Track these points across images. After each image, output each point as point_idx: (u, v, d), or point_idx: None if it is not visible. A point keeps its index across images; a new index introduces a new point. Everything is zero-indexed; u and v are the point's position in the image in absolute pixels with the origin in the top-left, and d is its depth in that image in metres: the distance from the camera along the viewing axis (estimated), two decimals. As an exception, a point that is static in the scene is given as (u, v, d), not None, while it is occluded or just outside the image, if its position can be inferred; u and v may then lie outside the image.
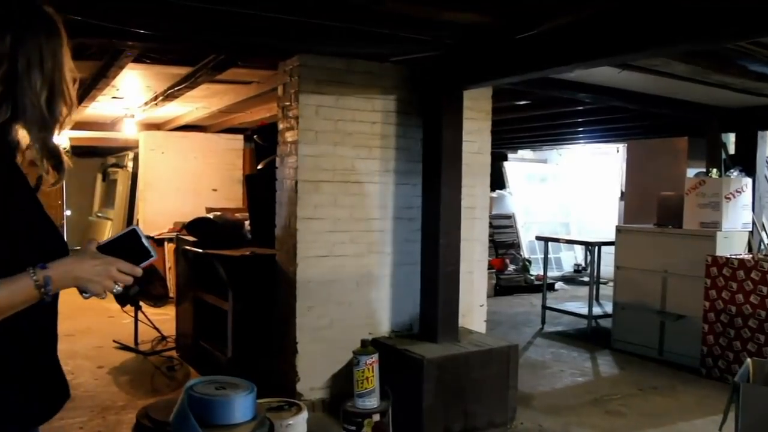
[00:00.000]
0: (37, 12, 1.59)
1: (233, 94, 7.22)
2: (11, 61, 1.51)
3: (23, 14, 1.55)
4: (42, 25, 1.57)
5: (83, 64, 5.86)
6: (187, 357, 6.36)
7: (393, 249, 5.11)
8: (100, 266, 1.57)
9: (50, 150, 1.60)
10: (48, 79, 1.56)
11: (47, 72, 1.55)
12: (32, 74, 1.53)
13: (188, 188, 10.63)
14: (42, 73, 1.54)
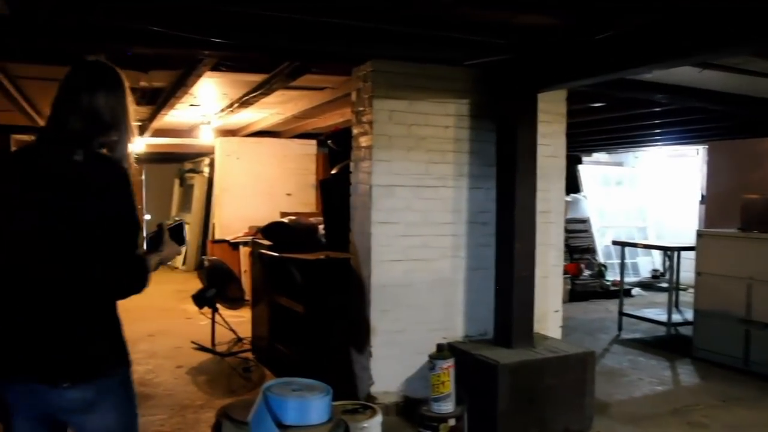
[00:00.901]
0: (114, 73, 2.31)
1: (307, 100, 7.32)
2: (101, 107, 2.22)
3: (105, 76, 2.28)
4: (117, 82, 2.30)
5: (163, 73, 6.05)
6: (262, 359, 6.47)
7: (467, 253, 5.09)
8: (173, 252, 2.47)
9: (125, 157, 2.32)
10: (122, 116, 2.28)
11: (121, 112, 2.28)
12: (115, 114, 2.26)
13: (263, 193, 10.82)
14: (119, 112, 2.27)
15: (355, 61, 4.93)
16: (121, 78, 2.31)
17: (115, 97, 2.25)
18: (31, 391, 2.12)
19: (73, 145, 2.14)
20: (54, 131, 2.21)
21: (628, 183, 13.07)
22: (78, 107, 2.18)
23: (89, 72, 2.27)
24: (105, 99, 2.22)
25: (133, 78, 6.24)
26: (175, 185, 15.13)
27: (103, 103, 2.21)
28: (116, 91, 2.27)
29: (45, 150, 2.20)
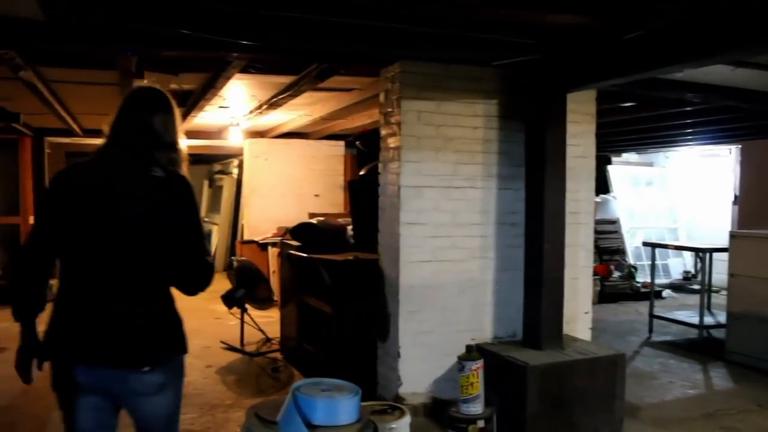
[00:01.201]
0: (167, 98, 2.66)
1: (335, 102, 7.34)
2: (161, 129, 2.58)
3: (161, 101, 2.63)
4: (171, 106, 2.65)
5: (192, 76, 6.12)
6: (291, 359, 6.50)
7: (496, 254, 5.07)
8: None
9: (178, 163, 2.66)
10: (175, 135, 2.65)
11: (174, 131, 2.64)
12: (171, 133, 2.63)
13: (291, 194, 10.88)
14: (173, 132, 2.64)
15: (383, 62, 4.94)
16: (172, 102, 2.67)
17: (170, 119, 2.63)
18: (109, 376, 2.42)
19: (149, 163, 2.49)
20: (122, 151, 2.53)
21: (659, 183, 12.93)
22: (142, 130, 2.54)
23: (147, 98, 2.63)
24: (163, 121, 2.59)
25: (163, 80, 6.31)
26: (204, 187, 15.27)
27: (162, 125, 2.58)
28: (171, 113, 2.64)
29: (122, 167, 2.51)
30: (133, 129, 2.53)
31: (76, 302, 2.45)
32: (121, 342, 2.41)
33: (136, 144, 2.52)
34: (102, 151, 2.57)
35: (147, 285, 2.48)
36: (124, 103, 2.59)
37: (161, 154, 2.56)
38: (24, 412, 5.16)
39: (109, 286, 2.42)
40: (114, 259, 2.42)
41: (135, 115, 2.55)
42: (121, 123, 2.54)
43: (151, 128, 2.54)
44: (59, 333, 2.44)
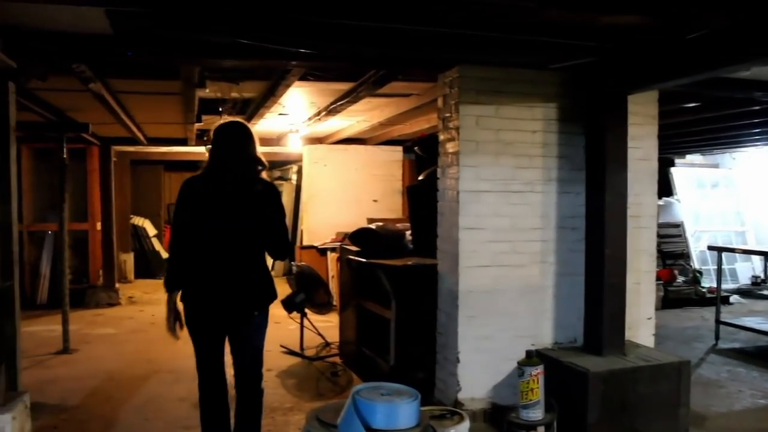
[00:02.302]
0: (248, 127, 3.85)
1: (393, 107, 7.38)
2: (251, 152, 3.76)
3: (246, 130, 3.82)
4: (251, 133, 3.84)
5: (253, 84, 6.23)
6: (350, 363, 6.55)
7: (556, 259, 5.02)
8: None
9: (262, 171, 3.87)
10: (255, 151, 3.79)
11: (255, 149, 3.79)
12: (256, 153, 3.79)
13: (350, 199, 10.95)
14: (256, 152, 3.80)
15: (440, 67, 4.95)
16: (250, 128, 3.86)
17: (252, 141, 3.78)
18: (230, 317, 3.75)
19: (250, 182, 3.72)
20: (227, 172, 3.71)
21: (725, 185, 12.58)
22: (238, 156, 3.71)
23: (237, 130, 3.80)
24: (250, 145, 3.75)
25: (224, 89, 6.45)
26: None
27: (251, 148, 3.74)
28: (252, 137, 3.80)
29: (232, 184, 3.70)
30: (232, 156, 3.70)
31: (207, 274, 3.68)
32: (242, 297, 3.73)
33: (236, 168, 3.71)
34: (210, 171, 3.74)
35: (254, 259, 3.78)
36: (216, 136, 3.74)
37: (253, 168, 3.74)
38: (93, 411, 5.33)
39: (231, 262, 3.68)
40: (234, 244, 3.67)
41: (229, 145, 3.72)
42: (221, 152, 3.72)
43: (243, 154, 3.72)
44: (198, 295, 3.71)
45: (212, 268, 3.69)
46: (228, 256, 3.68)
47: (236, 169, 3.72)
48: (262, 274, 3.83)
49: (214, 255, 3.69)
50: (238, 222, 3.67)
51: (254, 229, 3.69)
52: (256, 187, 3.72)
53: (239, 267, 3.71)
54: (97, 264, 10.73)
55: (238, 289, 3.71)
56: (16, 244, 4.31)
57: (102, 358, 7.04)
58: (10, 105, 4.13)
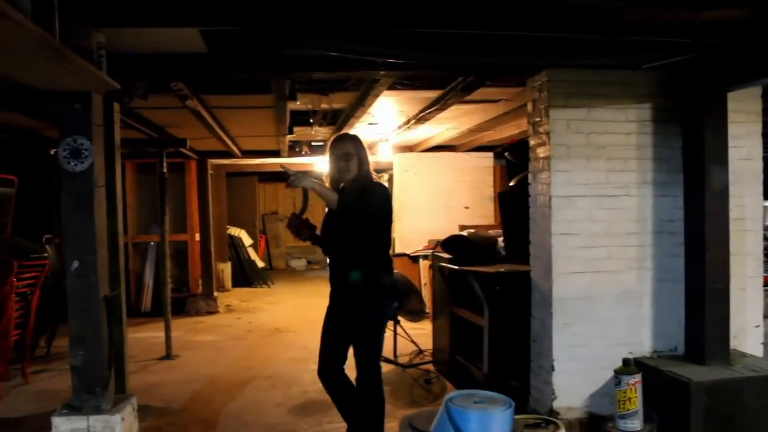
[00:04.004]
0: (358, 138, 4.24)
1: (482, 113, 7.34)
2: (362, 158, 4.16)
3: (358, 140, 4.21)
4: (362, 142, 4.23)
5: (343, 95, 6.33)
6: (443, 371, 6.53)
7: (654, 264, 4.86)
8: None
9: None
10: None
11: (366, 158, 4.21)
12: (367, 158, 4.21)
13: (441, 206, 10.95)
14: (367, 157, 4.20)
15: (529, 71, 4.89)
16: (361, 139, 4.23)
17: (363, 149, 4.16)
18: (349, 296, 4.10)
19: (361, 182, 4.08)
20: (356, 181, 4.10)
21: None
22: (349, 161, 4.09)
23: (350, 141, 4.16)
24: (363, 152, 4.15)
25: (314, 101, 6.58)
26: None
27: (363, 155, 4.14)
28: (363, 145, 4.19)
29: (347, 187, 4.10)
30: (341, 162, 4.10)
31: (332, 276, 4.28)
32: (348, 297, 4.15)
33: (348, 173, 4.10)
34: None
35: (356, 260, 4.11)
36: (335, 145, 4.16)
37: (364, 173, 4.14)
38: (195, 415, 5.52)
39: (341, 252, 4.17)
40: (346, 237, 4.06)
41: (343, 153, 4.11)
42: (335, 160, 4.14)
43: (358, 158, 4.11)
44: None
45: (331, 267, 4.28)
46: (353, 246, 4.05)
47: (361, 182, 4.12)
48: (366, 276, 4.04)
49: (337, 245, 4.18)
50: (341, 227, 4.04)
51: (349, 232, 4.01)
52: (368, 190, 4.06)
53: (345, 269, 4.08)
54: (197, 273, 11.11)
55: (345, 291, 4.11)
56: (123, 255, 4.52)
57: (203, 364, 7.28)
58: (115, 124, 4.33)
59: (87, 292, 3.78)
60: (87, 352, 3.84)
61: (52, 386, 6.41)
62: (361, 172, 4.11)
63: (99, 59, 3.71)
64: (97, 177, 3.81)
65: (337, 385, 4.29)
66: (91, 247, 3.76)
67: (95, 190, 3.79)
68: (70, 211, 3.76)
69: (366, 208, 3.96)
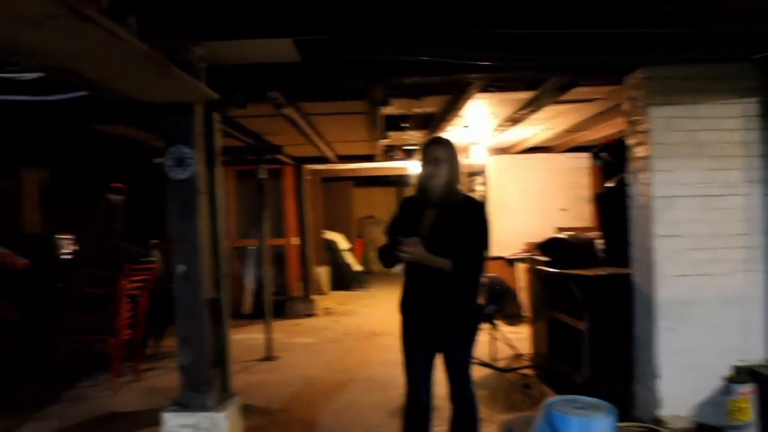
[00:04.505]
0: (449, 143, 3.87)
1: (577, 113, 7.19)
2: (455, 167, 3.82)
3: (453, 146, 3.86)
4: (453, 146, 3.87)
5: (435, 99, 6.34)
6: (541, 376, 6.43)
7: (764, 267, 4.63)
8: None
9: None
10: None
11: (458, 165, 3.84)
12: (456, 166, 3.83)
13: (536, 209, 10.78)
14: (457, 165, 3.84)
15: (625, 69, 4.76)
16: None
17: (455, 155, 3.83)
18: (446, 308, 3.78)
19: (452, 192, 3.80)
20: (431, 187, 3.78)
21: None
22: (438, 166, 3.75)
23: (441, 146, 3.83)
24: (454, 158, 3.81)
25: (406, 105, 6.61)
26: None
27: (454, 161, 3.80)
28: (455, 151, 3.85)
29: (436, 198, 3.79)
30: (433, 172, 3.77)
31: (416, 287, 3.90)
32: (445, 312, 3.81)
33: (439, 183, 3.78)
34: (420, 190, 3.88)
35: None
36: (427, 150, 3.83)
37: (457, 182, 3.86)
38: (295, 415, 5.64)
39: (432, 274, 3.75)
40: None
41: (434, 159, 3.78)
42: (425, 167, 3.81)
43: (452, 169, 3.79)
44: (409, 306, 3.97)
45: (419, 280, 3.84)
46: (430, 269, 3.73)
47: (443, 188, 3.81)
48: (465, 288, 3.83)
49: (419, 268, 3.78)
50: (440, 235, 3.73)
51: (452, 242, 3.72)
52: (471, 201, 3.90)
53: (441, 280, 3.73)
54: (295, 277, 11.35)
55: (441, 304, 3.78)
56: (225, 259, 4.67)
57: (302, 366, 7.42)
58: (216, 133, 4.49)
59: (192, 295, 3.95)
60: (193, 352, 4.01)
61: (160, 383, 6.70)
62: (449, 179, 3.80)
63: (199, 72, 3.86)
64: (200, 184, 3.97)
65: (427, 407, 4.01)
66: (195, 252, 3.92)
67: (198, 197, 3.95)
68: (176, 218, 3.93)
69: (476, 231, 3.77)
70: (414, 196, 4.00)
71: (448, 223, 3.75)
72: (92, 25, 2.33)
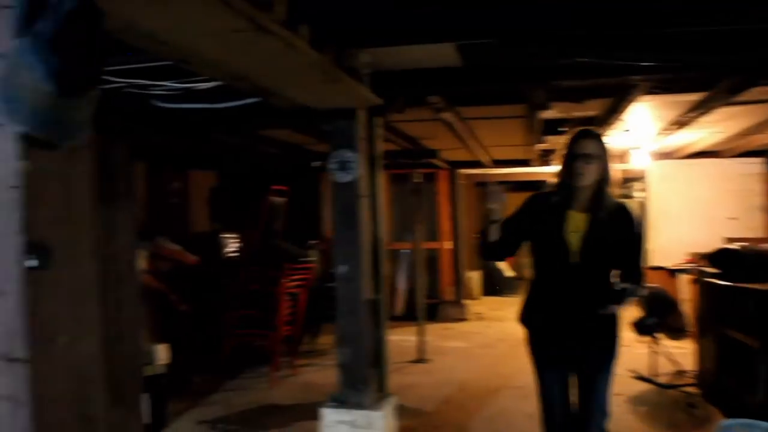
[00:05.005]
0: (601, 138, 3.34)
1: (752, 115, 6.76)
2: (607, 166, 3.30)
3: (603, 141, 3.33)
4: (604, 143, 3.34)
5: (595, 102, 6.16)
6: (707, 395, 6.08)
7: None
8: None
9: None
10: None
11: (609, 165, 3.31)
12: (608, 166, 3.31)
13: (701, 217, 10.23)
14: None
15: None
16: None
17: (608, 153, 3.31)
18: (594, 325, 3.33)
19: (608, 198, 3.31)
20: (577, 188, 3.28)
21: None
22: (589, 163, 3.22)
23: (594, 140, 3.30)
24: (607, 156, 3.30)
25: (567, 109, 6.47)
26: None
27: (607, 160, 3.29)
28: (607, 148, 3.32)
29: (583, 201, 3.30)
30: (581, 169, 3.25)
31: (553, 295, 3.42)
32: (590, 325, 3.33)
33: (588, 180, 3.27)
34: (559, 189, 3.39)
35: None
36: (572, 145, 3.31)
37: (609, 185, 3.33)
38: (447, 418, 5.67)
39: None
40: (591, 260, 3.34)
41: (584, 156, 3.24)
42: (566, 164, 3.32)
43: (604, 166, 3.28)
44: (542, 318, 3.52)
45: (563, 290, 3.37)
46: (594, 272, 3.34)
47: (592, 189, 3.32)
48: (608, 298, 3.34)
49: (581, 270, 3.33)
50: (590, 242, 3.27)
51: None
52: (610, 205, 3.32)
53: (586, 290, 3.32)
54: (447, 281, 11.40)
55: (585, 317, 3.31)
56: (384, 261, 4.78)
57: (454, 369, 7.45)
58: (377, 137, 4.60)
59: (353, 295, 4.07)
60: (352, 351, 4.13)
61: (315, 379, 6.95)
62: (601, 180, 3.30)
63: (363, 77, 3.97)
64: (362, 187, 4.08)
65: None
66: (356, 253, 4.04)
67: (360, 200, 4.06)
68: (339, 220, 4.07)
69: (637, 243, 3.36)
70: (548, 194, 3.45)
71: (602, 231, 3.28)
72: (271, 36, 2.46)
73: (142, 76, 4.02)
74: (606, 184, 3.31)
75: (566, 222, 3.29)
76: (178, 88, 4.07)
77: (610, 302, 3.27)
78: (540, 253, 3.45)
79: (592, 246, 3.26)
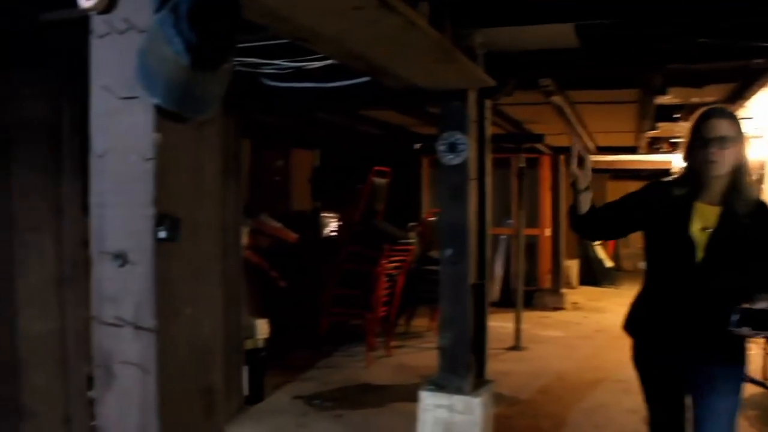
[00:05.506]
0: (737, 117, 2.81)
1: None
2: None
3: (736, 118, 2.80)
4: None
5: (716, 88, 5.86)
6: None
7: None
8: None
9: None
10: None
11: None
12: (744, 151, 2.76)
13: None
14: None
15: None
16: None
17: (744, 135, 2.78)
18: (723, 343, 2.72)
19: (748, 191, 2.76)
20: (708, 176, 2.73)
21: None
22: (724, 148, 2.66)
23: (729, 120, 2.73)
24: (743, 139, 2.77)
25: (685, 94, 6.18)
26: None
27: (743, 143, 2.76)
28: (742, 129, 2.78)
29: (717, 192, 2.75)
30: (706, 154, 2.70)
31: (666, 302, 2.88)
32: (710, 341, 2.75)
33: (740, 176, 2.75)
34: (682, 179, 2.90)
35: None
36: (697, 126, 2.76)
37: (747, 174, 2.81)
38: (543, 408, 5.58)
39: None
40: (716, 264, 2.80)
41: (712, 139, 2.67)
42: (691, 148, 2.78)
43: (743, 156, 2.76)
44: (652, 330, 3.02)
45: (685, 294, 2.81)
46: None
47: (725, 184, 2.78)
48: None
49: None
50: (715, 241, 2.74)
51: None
52: (750, 200, 2.77)
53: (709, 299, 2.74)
54: (545, 268, 11.19)
55: (708, 328, 2.74)
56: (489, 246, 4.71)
57: (550, 358, 7.31)
58: (486, 120, 4.52)
59: (458, 279, 4.02)
60: (454, 334, 4.09)
61: (409, 361, 6.97)
62: (738, 168, 2.74)
63: (478, 58, 3.89)
64: (471, 170, 4.01)
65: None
66: (463, 236, 3.99)
67: (468, 183, 4.00)
68: (446, 202, 4.02)
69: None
70: (673, 182, 2.94)
71: (738, 227, 2.72)
72: (392, 13, 2.42)
73: (252, 55, 4.07)
74: (743, 173, 2.76)
75: (693, 216, 2.76)
76: (290, 67, 4.10)
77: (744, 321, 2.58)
78: (657, 251, 2.95)
79: (724, 245, 2.72)
